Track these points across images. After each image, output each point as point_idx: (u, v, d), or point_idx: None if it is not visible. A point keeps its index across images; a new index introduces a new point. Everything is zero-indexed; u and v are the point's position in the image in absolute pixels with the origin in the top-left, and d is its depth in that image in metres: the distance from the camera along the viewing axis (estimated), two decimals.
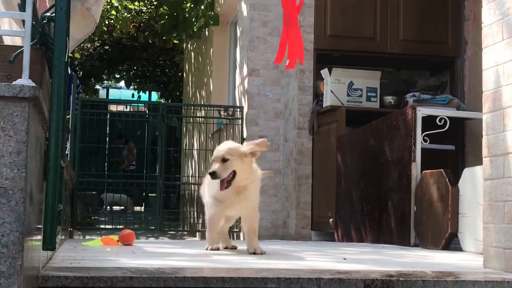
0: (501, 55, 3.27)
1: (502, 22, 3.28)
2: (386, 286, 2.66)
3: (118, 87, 20.66)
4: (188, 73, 13.17)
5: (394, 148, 5.77)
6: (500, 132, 3.24)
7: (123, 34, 12.89)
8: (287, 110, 7.78)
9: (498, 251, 3.20)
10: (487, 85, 3.41)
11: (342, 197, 6.66)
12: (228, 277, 2.60)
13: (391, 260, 3.86)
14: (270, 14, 7.96)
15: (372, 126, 6.28)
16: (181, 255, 3.96)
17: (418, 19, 7.37)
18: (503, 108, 3.23)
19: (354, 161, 6.50)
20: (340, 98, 6.97)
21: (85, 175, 9.12)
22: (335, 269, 3.09)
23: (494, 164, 3.28)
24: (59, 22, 2.29)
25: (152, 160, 14.71)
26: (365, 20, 7.31)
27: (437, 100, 6.84)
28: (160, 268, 2.90)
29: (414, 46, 7.33)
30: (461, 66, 7.26)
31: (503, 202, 3.18)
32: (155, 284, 2.55)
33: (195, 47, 12.25)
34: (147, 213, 11.95)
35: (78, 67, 15.30)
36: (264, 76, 7.87)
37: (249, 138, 7.97)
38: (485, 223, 3.36)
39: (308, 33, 7.34)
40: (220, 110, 8.77)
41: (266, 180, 7.90)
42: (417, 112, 5.52)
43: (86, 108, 8.44)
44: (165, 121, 8.49)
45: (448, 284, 2.70)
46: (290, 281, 2.62)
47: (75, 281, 2.51)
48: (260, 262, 3.57)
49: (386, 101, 7.10)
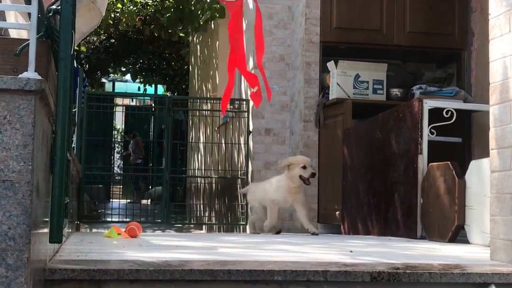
0: (508, 46, 3.25)
1: (509, 13, 3.25)
2: (392, 279, 2.65)
3: (124, 80, 20.66)
4: (194, 66, 13.16)
5: (400, 140, 5.76)
6: (507, 124, 3.23)
7: (129, 27, 12.88)
8: (293, 103, 7.77)
9: (505, 243, 3.19)
10: (494, 77, 3.40)
11: (348, 190, 6.65)
12: (234, 270, 2.60)
13: (397, 253, 3.85)
14: (276, 6, 7.94)
15: (378, 118, 6.26)
16: (187, 248, 3.97)
17: (424, 11, 7.33)
18: (510, 100, 3.21)
19: (361, 154, 6.49)
20: (346, 90, 6.96)
21: (91, 168, 9.12)
22: (342, 261, 3.08)
23: (501, 156, 3.27)
24: (64, 15, 2.29)
25: (159, 154, 14.73)
26: (372, 12, 7.28)
27: (444, 92, 6.82)
28: (166, 261, 2.90)
29: (421, 38, 7.30)
30: (468, 58, 7.23)
31: (510, 194, 3.17)
32: (162, 276, 2.55)
33: (201, 40, 12.23)
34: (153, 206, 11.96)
35: (84, 60, 15.31)
36: (270, 68, 7.86)
37: (255, 131, 7.98)
38: (492, 215, 3.35)
39: (315, 25, 7.32)
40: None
41: (272, 173, 7.90)
42: (423, 105, 5.50)
43: (92, 102, 8.45)
44: (171, 114, 8.50)
45: (454, 276, 2.69)
46: (296, 273, 2.62)
47: (81, 273, 2.51)
48: (267, 255, 3.57)
49: (392, 93, 7.08)
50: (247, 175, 8.15)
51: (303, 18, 7.38)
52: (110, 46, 15.43)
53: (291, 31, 7.88)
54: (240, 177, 8.39)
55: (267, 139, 7.93)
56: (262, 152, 7.93)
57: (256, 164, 7.91)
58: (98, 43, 15.44)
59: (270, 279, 2.61)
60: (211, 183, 9.49)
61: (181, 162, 12.87)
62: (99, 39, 15.31)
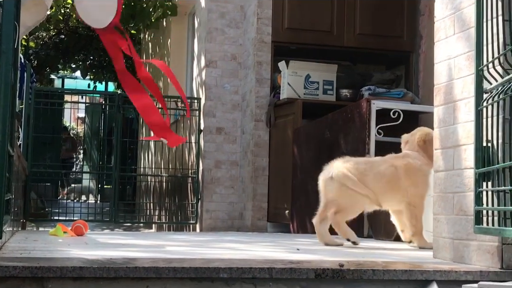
0: (453, 48, 3.32)
1: (454, 16, 3.33)
2: (336, 276, 2.68)
3: (74, 77, 20.31)
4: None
5: (349, 140, 5.82)
6: (450, 124, 3.30)
7: (79, 23, 12.68)
8: (244, 102, 7.78)
9: (447, 241, 3.26)
10: (438, 78, 3.47)
11: (298, 189, 6.69)
12: (180, 267, 2.59)
13: (343, 251, 3.90)
14: (228, 5, 7.95)
15: (328, 118, 6.32)
16: (134, 246, 3.93)
17: (374, 13, 7.44)
18: (454, 101, 3.29)
19: (310, 153, 6.54)
20: (297, 90, 7.00)
21: (39, 166, 8.94)
22: (288, 259, 3.10)
23: (445, 156, 3.34)
24: (6, 7, 2.24)
25: (108, 152, 14.55)
26: (322, 14, 7.35)
27: (392, 93, 6.93)
28: (111, 258, 2.88)
29: (370, 40, 7.41)
30: (416, 60, 7.36)
31: (452, 194, 3.24)
32: (106, 274, 2.52)
33: (152, 37, 12.13)
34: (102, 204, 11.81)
35: (32, 56, 14.98)
36: (221, 67, 7.86)
37: (206, 130, 7.96)
38: (435, 214, 3.42)
39: (266, 25, 7.35)
40: (177, 102, 8.71)
41: (223, 172, 7.91)
42: (371, 105, 5.58)
43: (40, 98, 8.28)
44: (121, 112, 8.40)
45: (397, 273, 2.74)
46: (242, 270, 2.62)
47: (24, 271, 2.47)
48: (213, 252, 3.57)
49: (342, 94, 7.16)
50: (197, 174, 8.13)
51: (255, 17, 7.40)
52: (59, 42, 15.15)
53: (243, 31, 7.89)
54: (190, 175, 8.36)
55: (218, 138, 7.92)
56: (213, 151, 7.92)
57: (207, 163, 7.89)
58: (48, 38, 15.14)
59: (216, 277, 2.61)
60: (161, 182, 9.43)
61: (131, 161, 12.74)
62: (49, 35, 15.02)
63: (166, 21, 10.45)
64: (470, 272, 2.80)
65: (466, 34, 3.19)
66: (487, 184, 2.86)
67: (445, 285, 2.73)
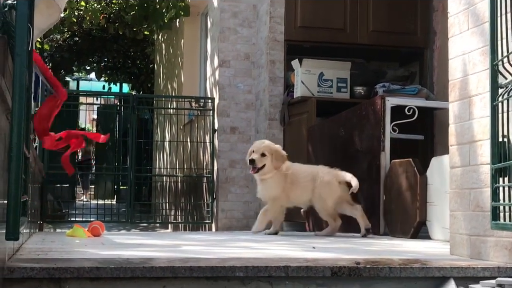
0: (467, 44, 3.30)
1: (468, 11, 3.30)
2: (353, 273, 2.67)
3: (89, 79, 20.45)
4: (159, 64, 13.08)
5: (363, 138, 5.80)
6: (466, 120, 3.28)
7: (93, 26, 12.72)
8: (258, 101, 7.78)
9: (464, 237, 3.24)
10: (453, 74, 3.44)
11: None
12: (196, 266, 2.60)
13: (359, 249, 3.88)
14: (240, 4, 7.95)
15: (342, 116, 6.31)
16: (151, 246, 3.95)
17: (387, 10, 7.41)
18: (469, 96, 3.26)
19: (325, 151, 6.52)
20: (310, 89, 6.99)
21: (56, 168, 8.99)
22: (303, 257, 3.10)
23: (461, 152, 3.32)
24: (20, 10, 2.25)
25: (124, 153, 14.60)
26: (335, 11, 7.33)
27: (407, 90, 6.90)
28: (128, 258, 2.88)
29: (384, 37, 7.38)
30: (430, 56, 7.32)
31: (469, 190, 3.22)
32: (123, 274, 2.53)
33: (166, 38, 12.17)
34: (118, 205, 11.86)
35: (47, 58, 15.09)
36: (235, 67, 7.86)
37: (220, 130, 7.96)
38: (451, 210, 3.40)
39: (279, 24, 7.34)
40: (191, 102, 8.73)
41: (237, 171, 7.91)
42: (386, 102, 5.56)
43: None
44: (136, 113, 8.43)
45: (414, 271, 2.72)
46: (258, 269, 2.62)
47: (41, 272, 2.48)
48: (229, 251, 3.57)
49: (356, 91, 7.13)
50: (212, 173, 8.14)
51: (267, 16, 7.39)
52: (74, 45, 15.23)
53: (256, 30, 7.89)
54: (205, 175, 8.37)
55: (233, 138, 7.92)
56: (227, 150, 7.93)
57: (222, 162, 7.90)
58: (62, 41, 15.23)
59: (231, 275, 2.61)
60: (177, 182, 9.45)
61: (146, 161, 12.79)
62: (63, 37, 15.11)
63: (179, 21, 10.47)
64: (488, 268, 2.78)
65: (480, 29, 3.17)
66: (503, 179, 2.84)
67: (463, 282, 2.72)
